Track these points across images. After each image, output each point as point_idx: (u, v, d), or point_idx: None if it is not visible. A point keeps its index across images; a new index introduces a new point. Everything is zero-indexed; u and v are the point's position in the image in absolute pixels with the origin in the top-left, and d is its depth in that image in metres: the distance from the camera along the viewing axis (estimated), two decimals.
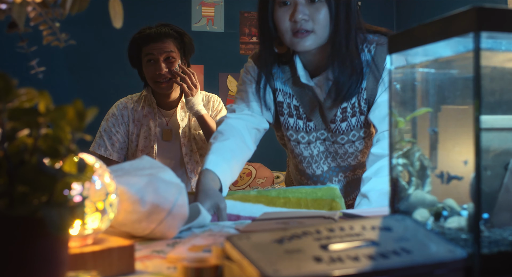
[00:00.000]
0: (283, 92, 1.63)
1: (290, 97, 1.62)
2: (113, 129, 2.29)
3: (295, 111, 1.63)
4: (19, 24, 0.65)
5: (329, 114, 1.58)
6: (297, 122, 1.64)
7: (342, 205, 1.36)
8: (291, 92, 1.62)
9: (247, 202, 1.34)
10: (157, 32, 2.21)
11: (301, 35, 1.46)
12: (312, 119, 1.62)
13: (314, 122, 1.62)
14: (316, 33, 1.47)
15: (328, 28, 1.47)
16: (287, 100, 1.63)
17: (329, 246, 0.60)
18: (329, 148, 1.65)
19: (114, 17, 0.69)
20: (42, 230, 0.49)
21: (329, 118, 1.59)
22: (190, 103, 2.16)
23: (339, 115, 1.57)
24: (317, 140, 1.64)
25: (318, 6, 1.46)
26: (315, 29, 1.46)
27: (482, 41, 0.62)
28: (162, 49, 2.20)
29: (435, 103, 0.77)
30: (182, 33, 2.28)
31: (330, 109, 1.58)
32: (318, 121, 1.62)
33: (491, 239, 0.65)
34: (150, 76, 2.22)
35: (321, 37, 1.48)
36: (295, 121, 1.64)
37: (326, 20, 1.46)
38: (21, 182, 0.49)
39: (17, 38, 0.73)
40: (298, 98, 1.61)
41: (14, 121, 0.50)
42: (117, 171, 0.93)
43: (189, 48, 2.29)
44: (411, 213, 0.75)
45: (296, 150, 1.69)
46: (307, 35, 1.46)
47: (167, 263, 0.77)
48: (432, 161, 0.77)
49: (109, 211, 0.74)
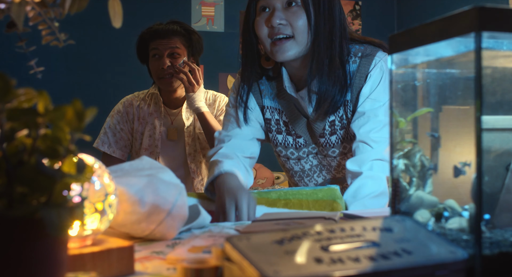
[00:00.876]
0: (271, 109, 1.62)
1: (280, 113, 1.62)
2: (118, 126, 2.29)
3: (284, 127, 1.62)
4: (17, 23, 0.64)
5: (317, 128, 1.57)
6: (286, 138, 1.63)
7: (343, 206, 1.36)
8: (280, 108, 1.61)
9: None
10: (164, 28, 2.22)
11: (279, 42, 1.44)
12: (301, 135, 1.61)
13: (304, 138, 1.61)
14: (295, 39, 1.44)
15: (307, 35, 1.45)
16: (275, 116, 1.62)
17: (330, 247, 0.60)
18: (322, 161, 1.64)
19: (113, 17, 0.69)
20: (41, 231, 0.48)
21: (318, 132, 1.58)
22: (191, 99, 2.15)
23: (327, 128, 1.56)
24: (309, 155, 1.64)
25: (295, 11, 1.44)
26: (294, 34, 1.44)
27: (484, 41, 0.61)
28: (167, 45, 2.20)
29: (436, 103, 0.77)
30: (190, 31, 2.28)
31: (317, 123, 1.56)
32: (307, 137, 1.61)
33: (493, 240, 0.65)
34: (155, 72, 2.22)
35: (301, 44, 1.45)
36: (284, 137, 1.63)
37: (305, 26, 1.44)
38: (20, 182, 0.49)
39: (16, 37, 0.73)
40: (287, 114, 1.61)
41: (13, 122, 0.50)
42: (116, 171, 0.92)
43: (197, 46, 2.29)
44: (412, 214, 0.75)
45: (286, 165, 1.69)
46: (285, 41, 1.44)
47: (166, 264, 0.77)
48: (433, 162, 0.77)
49: (109, 211, 0.74)
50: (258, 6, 1.49)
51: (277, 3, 1.44)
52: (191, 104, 2.15)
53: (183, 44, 2.23)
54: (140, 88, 2.46)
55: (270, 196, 1.33)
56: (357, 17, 4.52)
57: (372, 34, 4.70)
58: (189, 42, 2.26)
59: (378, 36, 1.65)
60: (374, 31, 4.44)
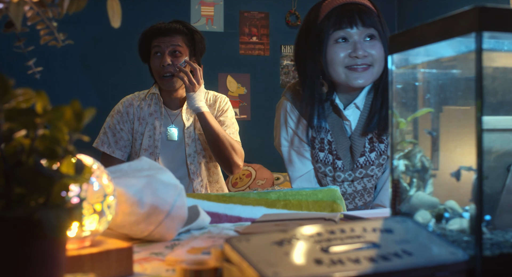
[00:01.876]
0: (317, 128, 1.68)
1: (326, 132, 1.67)
2: (118, 126, 2.28)
3: (327, 146, 1.68)
4: (16, 23, 0.64)
5: (358, 147, 1.64)
6: (327, 156, 1.68)
7: (343, 207, 1.35)
8: (327, 127, 1.67)
9: (247, 205, 1.33)
10: (167, 26, 2.22)
11: (361, 69, 1.55)
12: (341, 157, 1.66)
13: (343, 162, 1.66)
14: (374, 68, 1.56)
15: (384, 64, 1.58)
16: (321, 135, 1.68)
17: (330, 248, 0.59)
18: (357, 186, 1.69)
19: (112, 17, 0.69)
20: (39, 232, 0.48)
21: (359, 151, 1.64)
22: (191, 99, 2.14)
23: (367, 146, 1.63)
24: (345, 182, 1.68)
25: (375, 44, 1.56)
26: (373, 64, 1.56)
27: (484, 41, 0.61)
28: (169, 42, 2.19)
29: (437, 104, 0.77)
30: (193, 31, 2.27)
31: (358, 141, 1.64)
32: (346, 161, 1.66)
33: (493, 241, 0.65)
34: (156, 70, 2.21)
35: (378, 73, 1.58)
36: (325, 155, 1.68)
37: (383, 56, 1.57)
38: (18, 183, 0.49)
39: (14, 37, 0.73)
40: (332, 133, 1.66)
41: (11, 122, 0.50)
42: (115, 172, 0.92)
43: (199, 46, 2.28)
44: (413, 214, 0.75)
45: (323, 181, 1.73)
46: (367, 68, 1.55)
47: (165, 266, 0.77)
48: (434, 163, 0.77)
49: (107, 212, 0.74)
50: (334, 37, 1.57)
51: (356, 36, 1.55)
52: (191, 104, 2.14)
53: (185, 43, 2.23)
54: (139, 88, 2.45)
55: (270, 197, 1.33)
56: None
57: None
58: (192, 42, 2.25)
59: None
60: None
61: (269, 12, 4.40)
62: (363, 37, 1.56)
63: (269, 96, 4.44)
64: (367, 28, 1.55)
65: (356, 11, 1.55)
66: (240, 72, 4.39)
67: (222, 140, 2.14)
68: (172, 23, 2.25)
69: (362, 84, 1.57)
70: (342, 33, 1.55)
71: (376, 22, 1.56)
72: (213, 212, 1.31)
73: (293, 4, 4.46)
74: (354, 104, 1.63)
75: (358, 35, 1.55)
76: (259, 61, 4.43)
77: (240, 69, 4.39)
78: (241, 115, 4.35)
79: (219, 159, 2.20)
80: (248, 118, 4.38)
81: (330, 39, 1.56)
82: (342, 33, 1.55)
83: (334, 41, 1.56)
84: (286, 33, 4.43)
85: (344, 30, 1.55)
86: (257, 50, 4.42)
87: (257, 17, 4.35)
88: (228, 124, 2.26)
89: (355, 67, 1.55)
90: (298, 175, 1.73)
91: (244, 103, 4.40)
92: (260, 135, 4.02)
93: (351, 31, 1.55)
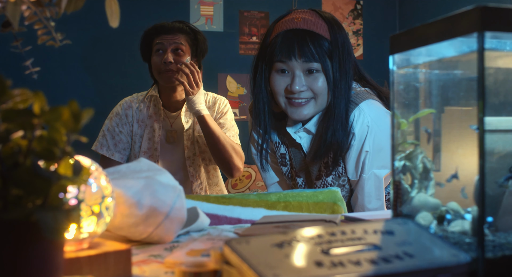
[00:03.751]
0: (278, 144, 1.67)
1: (286, 147, 1.66)
2: (117, 128, 2.27)
3: (289, 161, 1.67)
4: (13, 23, 0.64)
5: (314, 171, 1.61)
6: (289, 171, 1.68)
7: (344, 208, 1.35)
8: (287, 142, 1.65)
9: (247, 206, 1.33)
10: (170, 25, 2.22)
11: (298, 105, 1.50)
12: (300, 175, 1.65)
13: (303, 179, 1.65)
14: (316, 101, 1.50)
15: (327, 96, 1.50)
16: (281, 150, 1.67)
17: (331, 250, 0.59)
18: None
19: (110, 17, 0.68)
20: (36, 234, 0.48)
21: (314, 174, 1.61)
22: (191, 102, 2.12)
23: (323, 169, 1.59)
24: None
25: (316, 77, 1.49)
26: (314, 97, 1.50)
27: (486, 41, 0.61)
28: (172, 40, 2.19)
29: (438, 104, 0.77)
30: (196, 31, 2.27)
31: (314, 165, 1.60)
32: (306, 179, 1.65)
33: (496, 243, 0.65)
34: (156, 67, 2.19)
35: (320, 105, 1.52)
36: (288, 169, 1.68)
37: (325, 89, 1.49)
38: (15, 185, 0.49)
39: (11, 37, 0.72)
40: (291, 150, 1.65)
41: (8, 123, 0.50)
42: (113, 173, 0.92)
43: (202, 47, 2.28)
44: (414, 216, 0.74)
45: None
46: (307, 101, 1.50)
47: (164, 268, 0.76)
48: (435, 164, 0.76)
49: (105, 214, 0.73)
50: (275, 66, 1.51)
51: (297, 70, 1.48)
52: (191, 107, 2.13)
53: (188, 42, 2.22)
54: (138, 88, 2.44)
55: (270, 199, 1.32)
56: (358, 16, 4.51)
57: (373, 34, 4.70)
58: (194, 42, 2.25)
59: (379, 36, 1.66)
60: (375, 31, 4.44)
61: (269, 11, 4.40)
62: (303, 70, 1.48)
63: None
64: (307, 62, 1.46)
65: (298, 42, 1.46)
66: (240, 72, 4.38)
67: (223, 143, 2.13)
68: (175, 23, 2.25)
69: (303, 117, 1.52)
70: (283, 66, 1.49)
71: (321, 52, 1.47)
72: (212, 214, 1.31)
73: (294, 4, 4.46)
74: (305, 129, 1.57)
75: (298, 67, 1.48)
76: None
77: (240, 69, 4.38)
78: (241, 116, 4.35)
79: (220, 163, 2.19)
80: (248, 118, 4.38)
81: (273, 67, 1.51)
82: (282, 65, 1.49)
83: (275, 70, 1.51)
84: None
85: (283, 62, 1.48)
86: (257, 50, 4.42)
87: (257, 17, 4.35)
88: (228, 126, 2.25)
89: (293, 102, 1.50)
90: (271, 182, 1.74)
91: (244, 103, 4.40)
92: None
93: (290, 62, 1.47)
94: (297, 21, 1.50)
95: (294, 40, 1.47)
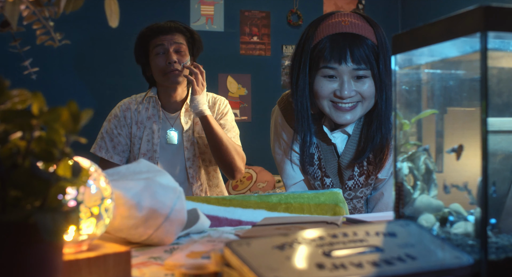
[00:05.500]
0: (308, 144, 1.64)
1: (316, 148, 1.64)
2: (115, 131, 2.26)
3: (317, 161, 1.65)
4: (11, 23, 0.63)
5: (347, 172, 1.61)
6: (316, 171, 1.65)
7: (346, 210, 1.34)
8: (317, 143, 1.64)
9: (248, 208, 1.32)
10: (167, 25, 2.21)
11: (344, 109, 1.49)
12: (329, 176, 1.63)
13: (332, 180, 1.63)
14: (363, 103, 1.51)
15: (373, 100, 1.51)
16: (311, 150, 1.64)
17: (332, 252, 0.59)
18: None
19: (110, 16, 0.68)
20: (35, 236, 0.48)
21: (347, 175, 1.61)
22: (195, 102, 2.10)
23: (356, 170, 1.60)
24: None
25: (365, 82, 1.49)
26: (362, 101, 1.50)
27: (489, 41, 0.60)
28: (171, 40, 2.18)
29: (441, 105, 0.76)
30: (191, 30, 2.27)
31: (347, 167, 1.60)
32: (335, 180, 1.64)
33: (499, 245, 0.64)
34: (160, 68, 2.17)
35: (368, 107, 1.52)
36: (314, 169, 1.65)
37: (373, 93, 1.50)
38: (13, 186, 0.48)
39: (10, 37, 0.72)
40: (322, 150, 1.63)
41: (7, 124, 0.50)
42: (113, 175, 0.91)
43: (199, 46, 2.27)
44: (417, 218, 0.74)
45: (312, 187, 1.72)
46: (354, 106, 1.50)
47: (164, 270, 0.76)
48: (438, 165, 0.76)
49: (105, 216, 0.73)
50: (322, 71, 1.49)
51: (345, 75, 1.47)
52: (195, 107, 2.11)
53: (185, 42, 2.22)
54: (138, 89, 2.43)
55: (271, 200, 1.32)
56: None
57: None
58: (191, 41, 2.24)
59: None
60: None
61: (270, 11, 4.40)
62: (352, 75, 1.47)
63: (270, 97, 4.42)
64: (357, 67, 1.46)
65: (349, 44, 1.45)
66: (240, 72, 4.38)
67: (226, 145, 2.12)
68: (169, 22, 2.23)
69: (349, 121, 1.51)
70: (331, 71, 1.47)
71: (370, 56, 1.46)
72: (213, 216, 1.30)
73: (295, 3, 4.46)
74: (342, 129, 1.58)
75: (347, 73, 1.46)
76: (260, 61, 4.43)
77: (241, 69, 4.39)
78: (241, 117, 4.35)
79: (221, 164, 2.17)
80: (249, 119, 4.38)
81: (319, 72, 1.50)
82: (330, 71, 1.47)
83: (322, 75, 1.49)
84: (287, 33, 4.42)
85: (333, 68, 1.47)
86: (258, 50, 4.42)
87: (258, 17, 4.35)
88: (228, 127, 2.25)
89: (340, 106, 1.49)
90: (291, 183, 1.72)
91: (244, 104, 4.40)
92: (261, 137, 4.01)
93: (339, 67, 1.46)
94: (344, 25, 1.49)
95: (345, 45, 1.46)
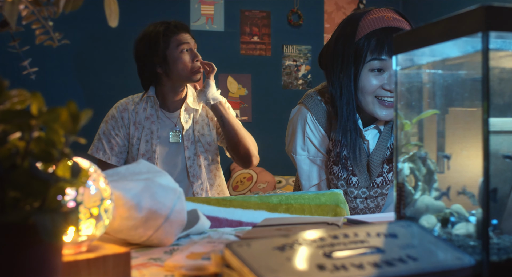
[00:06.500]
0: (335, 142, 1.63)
1: (342, 146, 1.62)
2: (113, 132, 2.26)
3: (343, 160, 1.62)
4: (10, 22, 0.63)
5: (376, 168, 1.60)
6: (341, 171, 1.64)
7: (347, 211, 1.34)
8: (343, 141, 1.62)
9: (248, 209, 1.32)
10: (181, 23, 2.26)
11: (389, 105, 1.50)
12: (357, 174, 1.62)
13: (359, 179, 1.62)
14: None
15: None
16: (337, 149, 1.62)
17: (333, 253, 0.58)
18: (370, 204, 1.66)
19: (109, 16, 0.68)
20: (34, 237, 0.47)
21: (376, 172, 1.61)
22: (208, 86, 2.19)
23: (386, 166, 1.60)
24: (357, 198, 1.65)
25: None
26: None
27: (491, 41, 0.60)
28: (191, 38, 2.24)
29: (442, 105, 0.76)
30: None
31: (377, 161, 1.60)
32: (362, 178, 1.62)
33: (500, 246, 0.64)
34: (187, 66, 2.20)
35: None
36: (339, 169, 1.64)
37: None
38: (12, 187, 0.48)
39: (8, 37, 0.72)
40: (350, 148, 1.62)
41: (6, 124, 0.49)
42: (112, 175, 0.91)
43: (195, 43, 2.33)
44: (418, 219, 0.74)
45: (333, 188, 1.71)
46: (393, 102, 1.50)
47: (164, 271, 0.76)
48: (439, 166, 0.76)
49: (104, 217, 0.73)
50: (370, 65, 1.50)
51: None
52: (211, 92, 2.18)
53: None
54: (137, 89, 2.42)
55: (271, 201, 1.31)
56: None
57: None
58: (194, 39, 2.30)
59: None
60: None
61: (271, 11, 4.40)
62: None
63: (270, 97, 4.44)
64: None
65: None
66: (241, 72, 4.38)
67: (242, 131, 2.19)
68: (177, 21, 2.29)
69: (391, 117, 1.50)
70: (379, 64, 1.49)
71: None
72: (213, 217, 1.30)
73: (295, 3, 4.46)
74: (375, 126, 1.59)
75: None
76: (260, 61, 4.43)
77: (241, 69, 4.39)
78: (242, 117, 4.34)
79: (239, 152, 2.21)
80: (249, 119, 4.38)
81: (366, 66, 1.51)
82: (379, 64, 1.49)
83: (369, 69, 1.51)
84: (288, 33, 4.42)
85: (381, 61, 1.48)
86: (258, 50, 4.42)
87: (258, 16, 4.35)
88: None
89: (384, 100, 1.51)
90: (312, 184, 1.71)
91: (245, 104, 4.40)
92: (261, 137, 4.00)
93: (389, 61, 1.48)
94: (388, 20, 1.51)
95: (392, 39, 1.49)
